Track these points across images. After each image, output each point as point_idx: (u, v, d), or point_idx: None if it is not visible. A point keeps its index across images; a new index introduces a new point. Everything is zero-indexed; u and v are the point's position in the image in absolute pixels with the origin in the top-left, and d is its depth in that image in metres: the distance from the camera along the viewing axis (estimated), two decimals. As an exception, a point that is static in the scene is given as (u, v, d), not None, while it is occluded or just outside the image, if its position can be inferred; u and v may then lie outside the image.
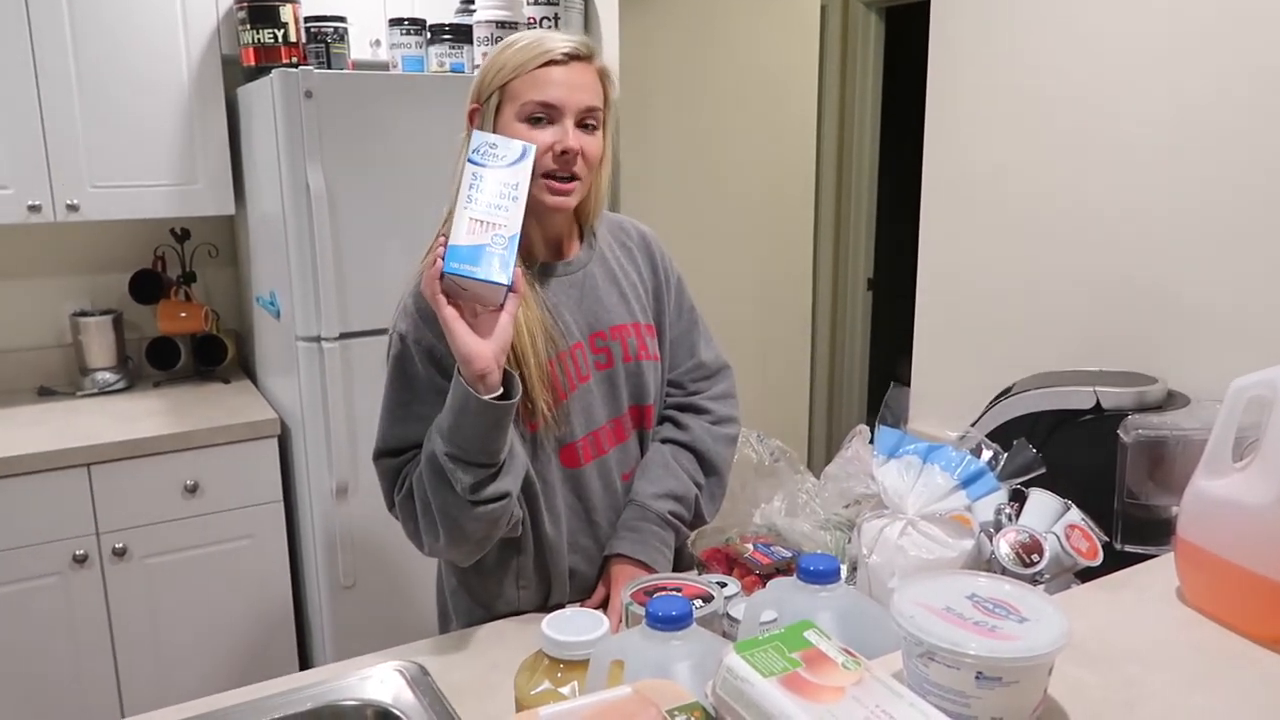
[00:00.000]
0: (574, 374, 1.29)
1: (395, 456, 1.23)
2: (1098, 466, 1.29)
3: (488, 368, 1.10)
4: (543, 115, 1.21)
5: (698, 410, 1.44)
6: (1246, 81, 1.39)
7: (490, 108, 1.23)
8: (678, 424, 1.42)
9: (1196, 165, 1.47)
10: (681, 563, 1.44)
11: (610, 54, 2.61)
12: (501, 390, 1.13)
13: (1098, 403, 1.38)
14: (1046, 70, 1.67)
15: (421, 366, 1.22)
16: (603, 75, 1.26)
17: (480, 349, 1.10)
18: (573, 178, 1.23)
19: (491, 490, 1.15)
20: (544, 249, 1.32)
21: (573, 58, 1.21)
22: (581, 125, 1.23)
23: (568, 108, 1.21)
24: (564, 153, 1.21)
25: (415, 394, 1.22)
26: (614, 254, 1.40)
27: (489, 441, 1.13)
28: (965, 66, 1.81)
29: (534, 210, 1.27)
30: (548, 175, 1.22)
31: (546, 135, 1.21)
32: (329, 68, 2.32)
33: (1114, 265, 1.60)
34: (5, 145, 2.22)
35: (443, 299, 1.09)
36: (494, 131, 1.23)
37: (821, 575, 0.93)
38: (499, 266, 1.09)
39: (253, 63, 2.32)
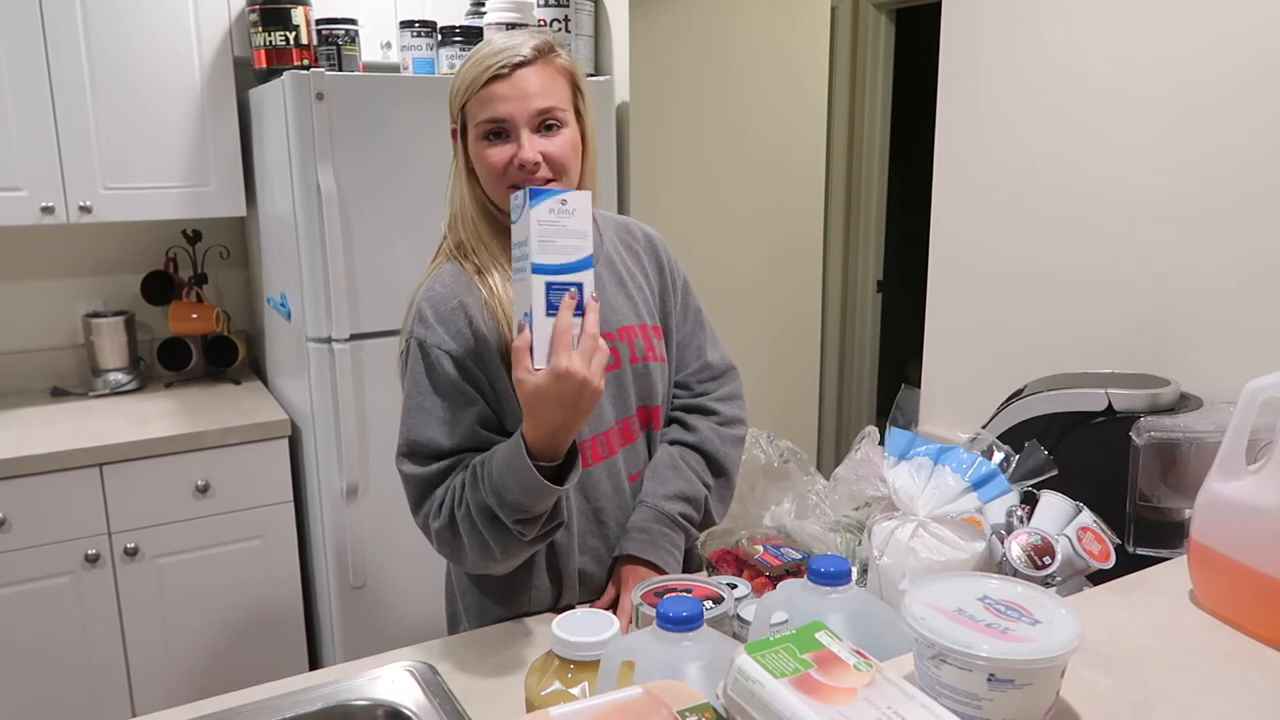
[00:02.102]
0: None
1: (422, 463, 1.22)
2: (1110, 469, 1.29)
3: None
4: (498, 132, 1.20)
5: (705, 411, 1.44)
6: (1269, 82, 1.39)
7: (460, 130, 1.25)
8: (685, 425, 1.42)
9: (1210, 167, 1.46)
10: (691, 564, 1.43)
11: (620, 56, 2.61)
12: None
13: (1110, 405, 1.38)
14: (1058, 72, 1.66)
15: (442, 371, 1.22)
16: (562, 71, 1.23)
17: None
18: (545, 182, 1.22)
19: (551, 525, 1.19)
20: None
21: (517, 66, 1.19)
22: (542, 129, 1.21)
23: (518, 119, 1.19)
24: (522, 166, 1.20)
25: (438, 398, 1.22)
26: (620, 256, 1.40)
27: (555, 499, 1.17)
28: (977, 66, 1.80)
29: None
30: (515, 188, 1.19)
31: (503, 152, 1.20)
32: (340, 70, 2.33)
33: (1127, 267, 1.59)
34: (19, 147, 2.24)
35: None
36: (466, 153, 1.25)
37: (832, 577, 0.92)
38: None
39: (264, 65, 2.33)
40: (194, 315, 2.64)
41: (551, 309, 1.08)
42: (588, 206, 1.10)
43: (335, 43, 2.32)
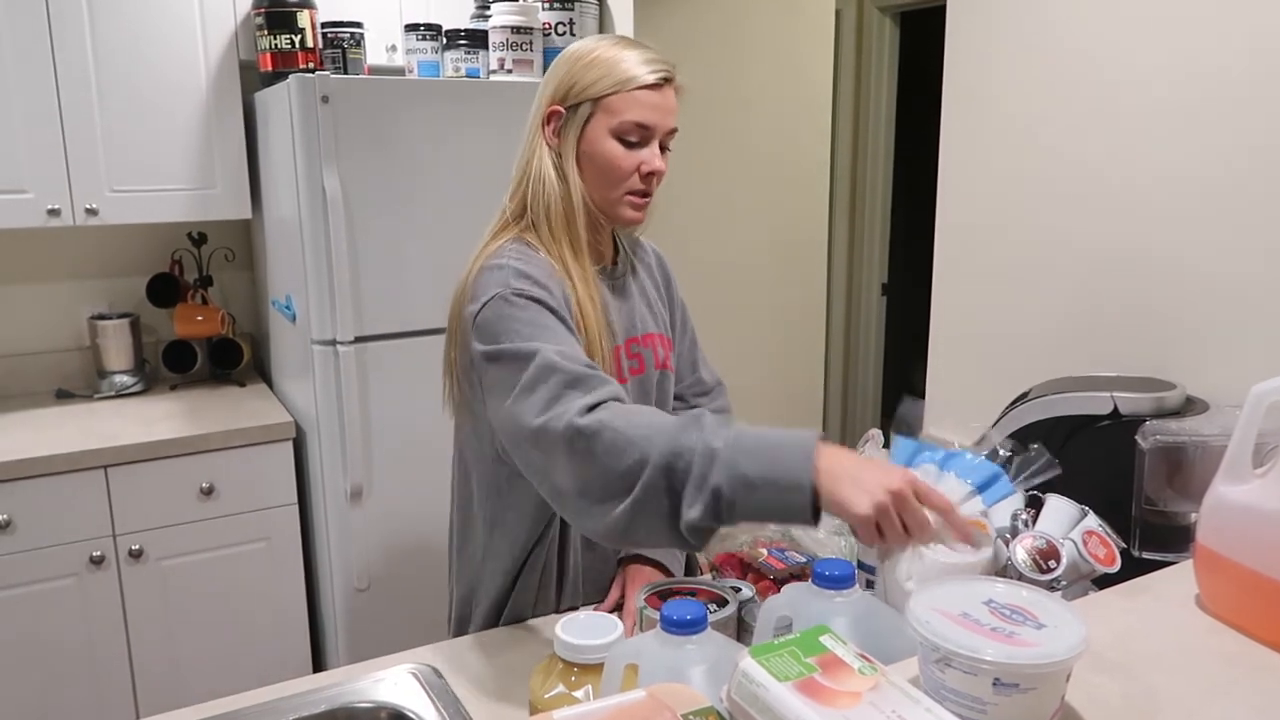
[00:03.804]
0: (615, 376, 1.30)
1: (567, 363, 1.10)
2: (1115, 472, 1.28)
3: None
4: (637, 138, 1.24)
5: None
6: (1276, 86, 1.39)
7: (578, 116, 1.24)
8: None
9: (1214, 171, 1.46)
10: (693, 568, 1.44)
11: (625, 59, 2.61)
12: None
13: (1115, 408, 1.37)
14: (1063, 75, 1.66)
15: (549, 310, 1.17)
16: (679, 94, 1.29)
17: None
18: (648, 193, 1.27)
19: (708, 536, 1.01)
20: (597, 255, 1.33)
21: (667, 80, 1.25)
22: (661, 146, 1.27)
23: (659, 131, 1.25)
24: (650, 174, 1.25)
25: (558, 324, 1.16)
26: (636, 268, 1.42)
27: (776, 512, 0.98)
28: (981, 69, 1.80)
29: (606, 222, 1.30)
30: (632, 193, 1.26)
31: (636, 156, 1.24)
32: (345, 73, 2.33)
33: (1132, 269, 1.59)
34: (25, 150, 2.24)
35: None
36: (580, 141, 1.24)
37: (837, 580, 0.92)
38: None
39: (270, 68, 2.34)
40: (199, 318, 2.65)
41: None
42: None
43: (340, 46, 2.32)
